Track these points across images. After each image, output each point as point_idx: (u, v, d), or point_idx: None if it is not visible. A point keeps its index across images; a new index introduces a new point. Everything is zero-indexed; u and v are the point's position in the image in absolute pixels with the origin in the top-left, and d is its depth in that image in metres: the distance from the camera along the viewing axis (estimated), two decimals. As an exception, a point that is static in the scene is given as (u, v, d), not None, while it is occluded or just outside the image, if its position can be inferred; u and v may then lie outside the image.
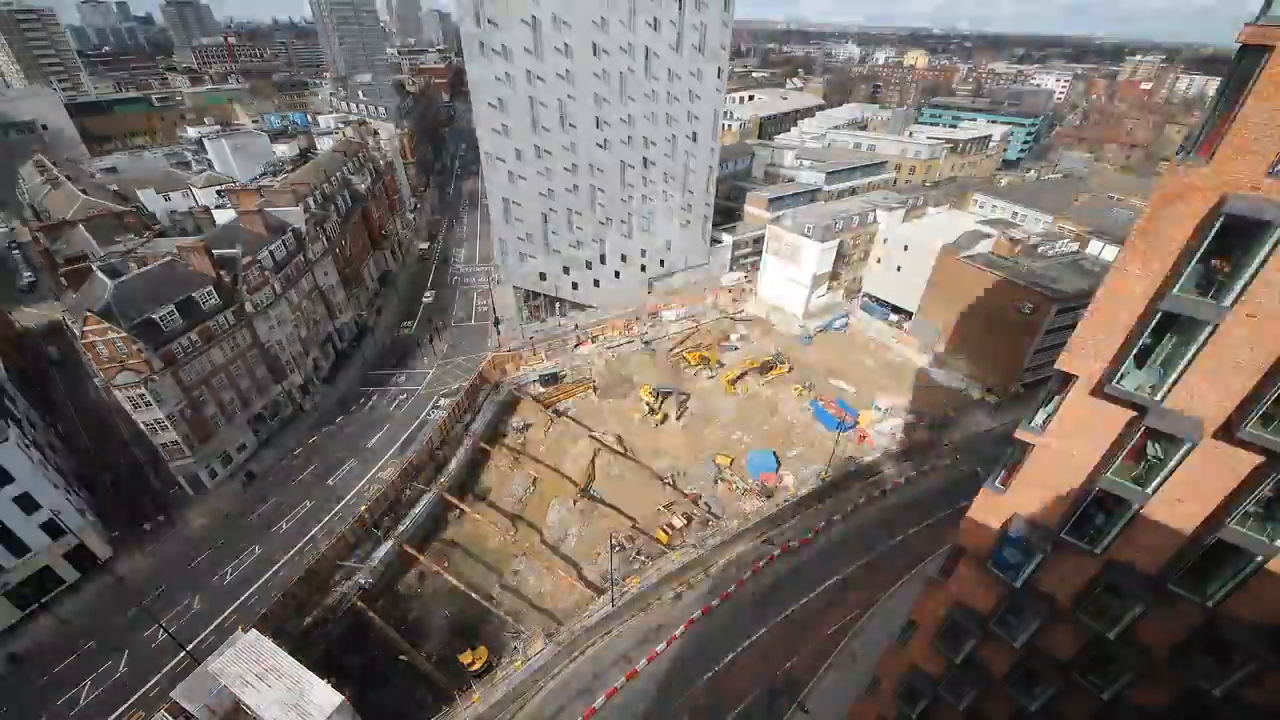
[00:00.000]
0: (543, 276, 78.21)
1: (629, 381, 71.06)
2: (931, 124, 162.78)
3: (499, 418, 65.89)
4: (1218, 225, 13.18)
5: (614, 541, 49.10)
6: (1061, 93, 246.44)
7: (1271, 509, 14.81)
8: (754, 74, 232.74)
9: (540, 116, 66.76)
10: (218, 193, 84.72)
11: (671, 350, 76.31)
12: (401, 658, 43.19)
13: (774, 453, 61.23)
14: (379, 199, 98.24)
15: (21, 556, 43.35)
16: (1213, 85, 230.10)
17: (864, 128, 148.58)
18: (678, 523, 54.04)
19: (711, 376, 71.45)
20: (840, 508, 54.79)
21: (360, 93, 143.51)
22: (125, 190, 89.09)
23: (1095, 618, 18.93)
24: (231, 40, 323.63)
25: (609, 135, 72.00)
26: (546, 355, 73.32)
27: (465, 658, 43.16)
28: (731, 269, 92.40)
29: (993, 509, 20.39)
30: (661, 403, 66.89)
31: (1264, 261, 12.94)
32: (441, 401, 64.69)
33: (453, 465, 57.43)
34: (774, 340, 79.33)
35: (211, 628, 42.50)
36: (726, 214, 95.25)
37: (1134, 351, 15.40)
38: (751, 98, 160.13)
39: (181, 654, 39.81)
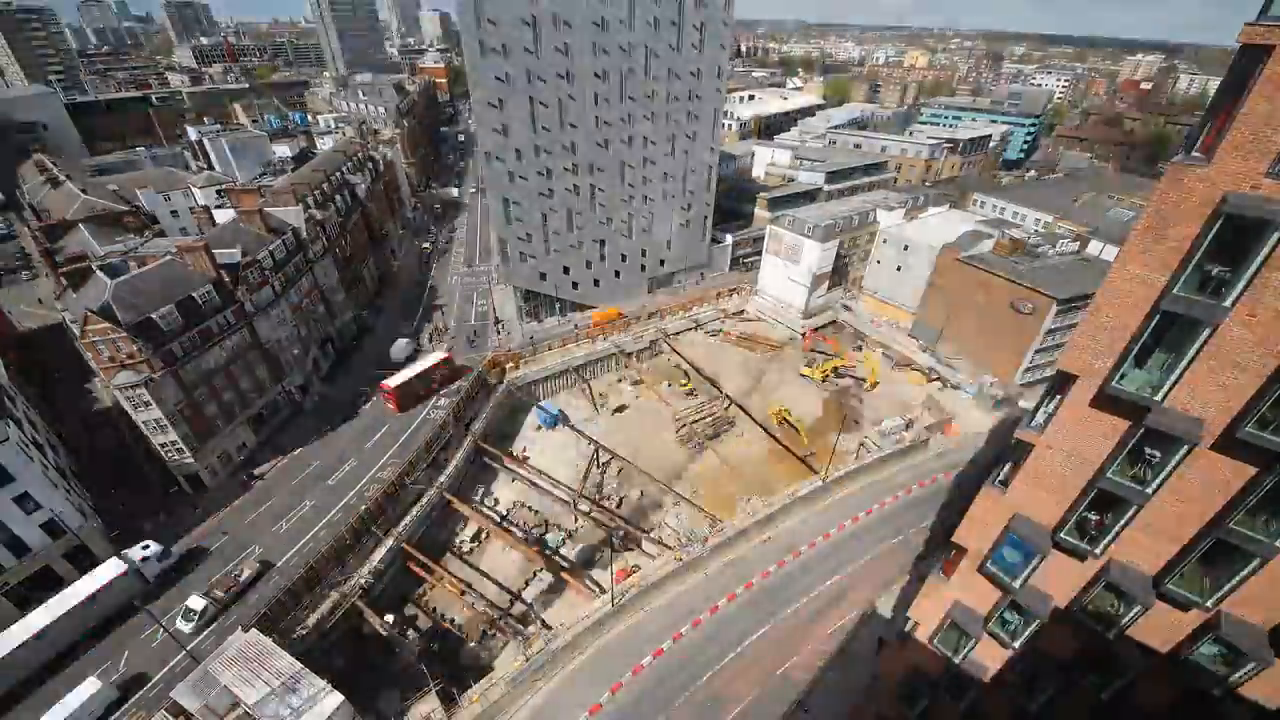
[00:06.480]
0: (543, 276, 78.17)
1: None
2: (931, 124, 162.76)
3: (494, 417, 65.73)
4: (1218, 225, 13.19)
5: (615, 541, 49.13)
6: (1061, 92, 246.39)
7: (1271, 509, 14.81)
8: (754, 74, 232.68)
9: (540, 116, 66.70)
10: (218, 193, 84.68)
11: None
12: (401, 656, 43.15)
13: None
14: (379, 199, 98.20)
15: (21, 556, 43.33)
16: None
17: (864, 128, 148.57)
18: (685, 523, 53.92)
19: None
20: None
21: (360, 93, 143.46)
22: (125, 190, 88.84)
23: (1095, 618, 18.96)
24: (231, 40, 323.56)
25: (609, 135, 71.93)
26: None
27: None
28: (731, 269, 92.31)
29: (993, 509, 20.40)
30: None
31: (1264, 261, 12.95)
32: (441, 401, 64.68)
33: (452, 466, 57.43)
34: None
35: (211, 627, 42.48)
36: (726, 214, 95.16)
37: (1134, 351, 15.40)
38: (752, 97, 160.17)
39: (181, 654, 39.79)
